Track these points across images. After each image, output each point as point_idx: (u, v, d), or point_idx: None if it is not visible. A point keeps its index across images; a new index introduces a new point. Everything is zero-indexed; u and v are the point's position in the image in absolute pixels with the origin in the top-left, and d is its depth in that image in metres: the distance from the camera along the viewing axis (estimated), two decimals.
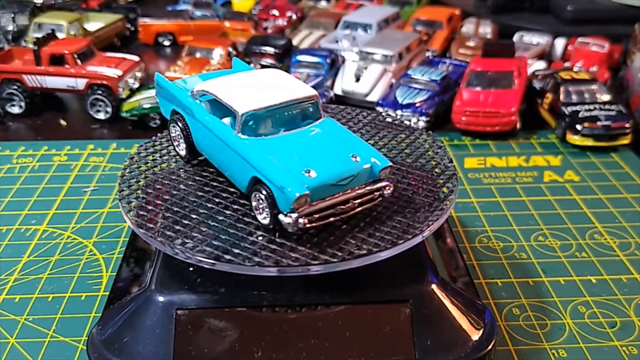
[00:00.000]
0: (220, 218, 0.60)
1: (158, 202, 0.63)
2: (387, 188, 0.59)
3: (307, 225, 0.55)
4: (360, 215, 0.60)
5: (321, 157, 0.58)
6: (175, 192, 0.64)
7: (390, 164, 0.59)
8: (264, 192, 0.56)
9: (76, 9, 1.72)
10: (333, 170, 0.56)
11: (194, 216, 0.60)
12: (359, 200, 0.58)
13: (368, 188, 0.58)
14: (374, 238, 0.57)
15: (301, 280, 0.59)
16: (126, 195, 0.65)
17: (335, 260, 0.55)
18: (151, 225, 0.60)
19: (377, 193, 0.59)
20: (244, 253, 0.55)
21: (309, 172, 0.56)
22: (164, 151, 0.73)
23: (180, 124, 0.67)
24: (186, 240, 0.57)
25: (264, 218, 0.58)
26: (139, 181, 0.67)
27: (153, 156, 0.72)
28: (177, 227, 0.59)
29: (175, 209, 0.62)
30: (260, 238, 0.57)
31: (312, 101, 0.62)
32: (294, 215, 0.55)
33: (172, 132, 0.70)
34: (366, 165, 0.58)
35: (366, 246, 0.56)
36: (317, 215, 0.56)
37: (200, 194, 0.64)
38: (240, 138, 0.59)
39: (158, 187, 0.66)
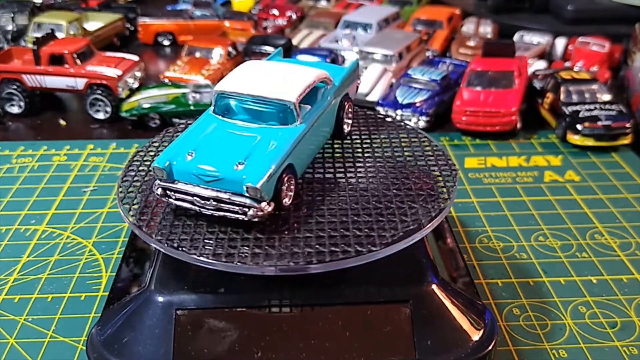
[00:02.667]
0: (220, 217, 0.60)
1: (158, 202, 0.63)
2: (253, 209, 0.56)
3: (163, 199, 0.59)
4: (359, 213, 0.60)
5: (215, 149, 0.59)
6: None
7: (254, 186, 0.55)
8: None
9: (75, 8, 1.72)
10: (202, 162, 0.57)
11: (193, 215, 0.60)
12: (218, 204, 0.57)
13: (231, 198, 0.56)
14: (374, 236, 0.57)
15: (301, 280, 0.59)
16: (126, 194, 0.65)
17: (333, 258, 0.55)
18: (150, 225, 0.59)
19: (239, 207, 0.56)
20: (243, 252, 0.55)
21: (190, 154, 0.58)
22: None
23: None
24: (185, 240, 0.57)
25: None
26: (139, 181, 0.67)
27: (153, 156, 0.72)
28: (177, 227, 0.59)
29: (175, 208, 0.61)
30: (259, 237, 0.57)
31: (285, 106, 0.61)
32: (156, 182, 0.59)
33: None
34: (236, 176, 0.56)
35: (365, 244, 0.56)
36: (175, 194, 0.59)
37: None
38: (208, 112, 0.64)
39: None
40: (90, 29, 1.58)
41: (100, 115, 1.24)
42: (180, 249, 0.56)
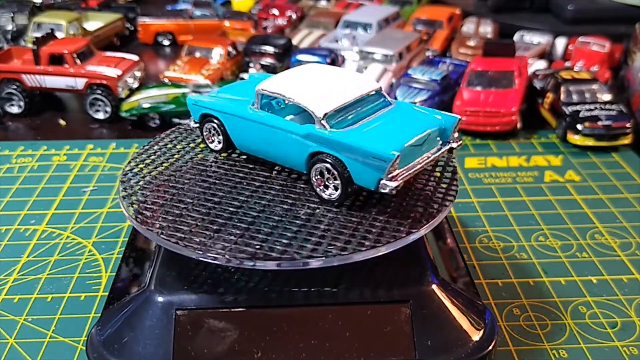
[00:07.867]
0: (221, 214, 0.60)
1: (159, 200, 0.63)
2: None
3: None
4: (359, 210, 0.60)
5: (235, 85, 0.76)
6: (176, 190, 0.64)
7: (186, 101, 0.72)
8: None
9: (75, 8, 1.72)
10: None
11: (194, 214, 0.60)
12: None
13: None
14: (374, 233, 0.57)
15: (301, 279, 0.59)
16: (127, 193, 0.65)
17: (334, 254, 0.55)
18: (153, 223, 0.59)
19: None
20: (245, 249, 0.55)
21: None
22: (166, 150, 0.73)
23: None
24: (187, 237, 0.57)
25: None
26: (140, 180, 0.67)
27: (154, 155, 0.72)
28: (179, 225, 0.59)
29: (177, 206, 0.61)
30: (259, 234, 0.57)
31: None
32: None
33: None
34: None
35: (365, 241, 0.56)
36: None
37: (201, 191, 0.64)
38: None
39: (159, 185, 0.65)
40: (90, 29, 1.58)
41: (100, 115, 1.24)
42: (183, 245, 0.56)
